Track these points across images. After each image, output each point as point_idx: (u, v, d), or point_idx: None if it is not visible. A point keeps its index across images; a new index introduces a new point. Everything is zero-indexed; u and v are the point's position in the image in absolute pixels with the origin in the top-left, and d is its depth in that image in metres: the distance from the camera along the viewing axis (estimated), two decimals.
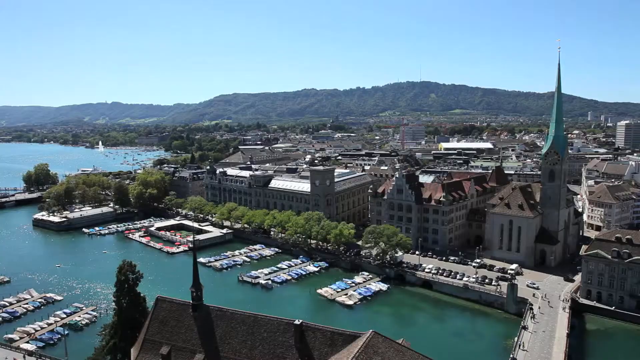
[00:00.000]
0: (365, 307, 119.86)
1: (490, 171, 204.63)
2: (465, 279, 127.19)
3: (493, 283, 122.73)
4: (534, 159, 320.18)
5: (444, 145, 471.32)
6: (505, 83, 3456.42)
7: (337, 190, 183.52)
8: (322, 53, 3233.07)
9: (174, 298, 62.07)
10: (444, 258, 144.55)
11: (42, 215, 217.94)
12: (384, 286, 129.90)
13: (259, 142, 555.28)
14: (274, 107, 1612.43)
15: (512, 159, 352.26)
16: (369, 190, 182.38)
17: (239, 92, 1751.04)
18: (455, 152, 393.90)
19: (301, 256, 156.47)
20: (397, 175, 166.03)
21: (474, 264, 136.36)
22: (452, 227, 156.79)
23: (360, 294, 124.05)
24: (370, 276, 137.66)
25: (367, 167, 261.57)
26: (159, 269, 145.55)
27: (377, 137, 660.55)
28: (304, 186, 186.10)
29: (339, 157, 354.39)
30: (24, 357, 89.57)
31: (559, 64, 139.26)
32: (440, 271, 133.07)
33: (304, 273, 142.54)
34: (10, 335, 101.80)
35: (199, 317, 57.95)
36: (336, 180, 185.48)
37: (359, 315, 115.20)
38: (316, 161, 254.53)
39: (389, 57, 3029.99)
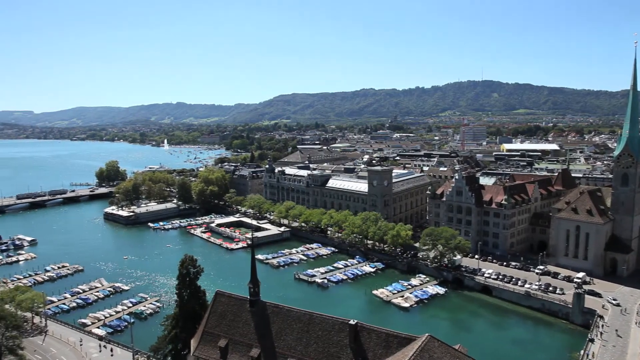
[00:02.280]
0: (422, 310, 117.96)
1: (556, 174, 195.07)
2: (527, 285, 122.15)
3: (557, 291, 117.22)
4: (605, 162, 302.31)
5: (507, 146, 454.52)
6: (574, 81, 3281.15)
7: (395, 191, 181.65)
8: (381, 53, 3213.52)
9: (232, 293, 63.83)
10: (504, 263, 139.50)
11: (112, 209, 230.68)
12: (441, 290, 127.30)
13: (317, 142, 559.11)
14: (332, 107, 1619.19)
15: (580, 161, 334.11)
16: (427, 192, 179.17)
17: (298, 93, 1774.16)
18: (519, 153, 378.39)
19: (357, 256, 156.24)
20: (457, 177, 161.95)
21: (537, 271, 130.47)
22: (514, 232, 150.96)
23: (416, 296, 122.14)
24: (427, 279, 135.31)
25: (425, 168, 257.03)
26: (219, 264, 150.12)
27: (437, 138, 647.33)
28: (362, 186, 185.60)
29: (397, 158, 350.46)
30: (101, 340, 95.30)
31: (635, 60, 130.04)
32: (500, 277, 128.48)
33: (359, 273, 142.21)
34: (83, 320, 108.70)
35: (255, 312, 59.25)
36: (394, 180, 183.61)
37: (414, 318, 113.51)
38: (374, 161, 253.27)
39: (449, 56, 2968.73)
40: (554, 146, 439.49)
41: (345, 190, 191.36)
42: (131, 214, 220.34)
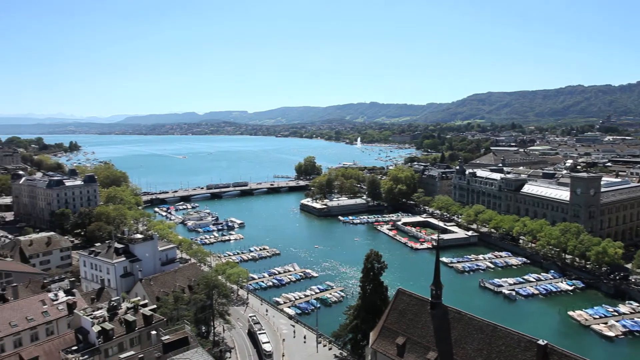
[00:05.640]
0: (631, 344, 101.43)
1: None
2: None
3: None
4: None
5: None
6: None
7: (603, 202, 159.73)
8: (591, 43, 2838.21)
9: (413, 292, 64.07)
10: None
11: (307, 201, 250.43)
12: None
13: (513, 144, 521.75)
14: (531, 106, 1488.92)
15: None
16: None
17: (493, 91, 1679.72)
18: None
19: (552, 270, 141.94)
20: None
21: None
22: None
23: (624, 326, 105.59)
24: None
25: None
26: (402, 263, 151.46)
27: None
28: (562, 194, 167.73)
29: (608, 164, 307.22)
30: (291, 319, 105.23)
31: None
32: None
33: (554, 290, 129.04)
34: (277, 299, 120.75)
35: (436, 315, 58.58)
36: (603, 190, 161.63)
37: (620, 351, 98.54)
38: (579, 167, 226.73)
39: None
40: None
41: (542, 197, 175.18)
42: (324, 206, 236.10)
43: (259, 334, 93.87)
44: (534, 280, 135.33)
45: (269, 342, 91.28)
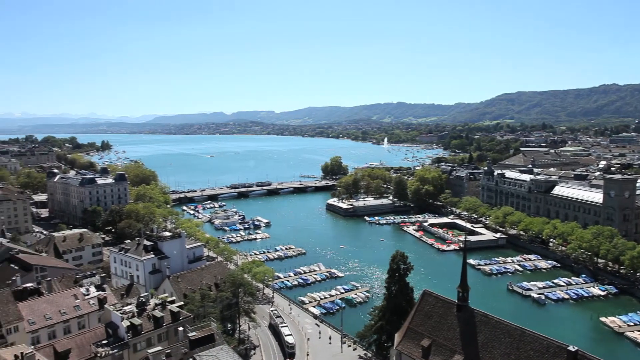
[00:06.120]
0: None
1: None
2: None
3: None
4: None
5: None
6: None
7: (639, 205, 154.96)
8: (628, 41, 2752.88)
9: (439, 294, 63.39)
10: None
11: (334, 201, 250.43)
12: None
13: (543, 144, 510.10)
14: (563, 105, 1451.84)
15: None
16: None
17: (523, 91, 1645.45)
18: None
19: (583, 275, 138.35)
20: None
21: None
22: None
23: None
24: None
25: None
26: (428, 264, 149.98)
27: None
28: (595, 196, 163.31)
29: None
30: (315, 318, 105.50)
31: None
32: None
33: (585, 294, 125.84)
34: (302, 298, 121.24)
35: (462, 318, 57.84)
36: (638, 192, 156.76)
37: None
38: (613, 168, 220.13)
39: None
40: None
41: (574, 200, 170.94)
42: (350, 206, 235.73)
43: (281, 326, 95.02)
44: (564, 284, 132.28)
45: (291, 334, 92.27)
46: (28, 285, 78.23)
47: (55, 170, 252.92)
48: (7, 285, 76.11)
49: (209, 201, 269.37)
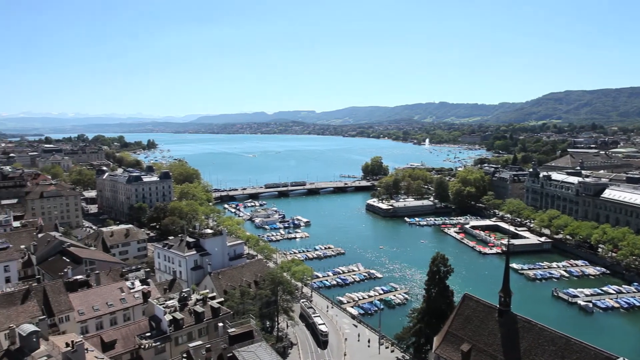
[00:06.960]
0: None
1: None
2: None
3: None
4: None
5: None
6: None
7: None
8: None
9: (480, 298, 62.04)
10: None
11: (374, 201, 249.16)
12: None
13: (593, 146, 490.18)
14: (615, 105, 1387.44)
15: None
16: None
17: (571, 90, 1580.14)
18: None
19: (635, 283, 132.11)
20: None
21: None
22: None
23: None
24: None
25: None
26: (469, 267, 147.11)
27: None
28: None
29: None
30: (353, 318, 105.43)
31: None
32: None
33: (637, 304, 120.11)
34: (340, 298, 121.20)
35: (504, 323, 56.43)
36: None
37: None
38: None
39: None
40: None
41: (625, 204, 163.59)
42: (390, 207, 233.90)
43: (314, 316, 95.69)
44: (614, 292, 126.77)
45: (324, 323, 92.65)
46: (78, 277, 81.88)
47: (104, 168, 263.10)
48: (59, 277, 79.80)
49: (250, 200, 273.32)
